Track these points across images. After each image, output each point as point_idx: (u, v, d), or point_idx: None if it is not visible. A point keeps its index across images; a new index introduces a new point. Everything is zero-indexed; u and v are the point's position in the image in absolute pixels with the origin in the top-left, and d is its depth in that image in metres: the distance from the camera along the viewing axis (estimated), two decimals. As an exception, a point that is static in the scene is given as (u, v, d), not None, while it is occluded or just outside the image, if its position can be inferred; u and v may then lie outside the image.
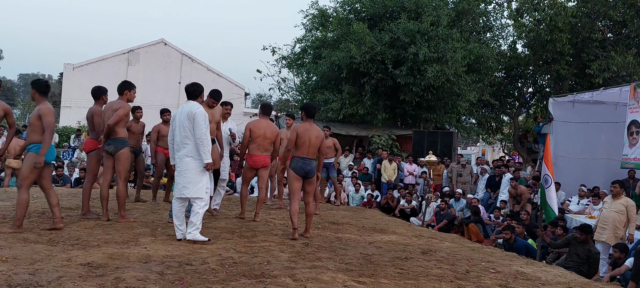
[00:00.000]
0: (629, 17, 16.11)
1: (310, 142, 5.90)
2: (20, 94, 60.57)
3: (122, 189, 6.17)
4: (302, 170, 5.90)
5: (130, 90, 6.26)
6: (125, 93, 6.22)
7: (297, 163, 5.92)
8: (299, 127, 5.99)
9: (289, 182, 6.01)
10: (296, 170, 5.90)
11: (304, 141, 5.90)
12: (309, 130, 5.95)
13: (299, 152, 5.93)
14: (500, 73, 19.77)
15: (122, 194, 6.18)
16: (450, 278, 4.53)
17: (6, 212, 6.50)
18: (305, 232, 6.03)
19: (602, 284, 5.67)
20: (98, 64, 29.41)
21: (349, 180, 13.77)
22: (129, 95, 6.25)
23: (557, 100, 13.67)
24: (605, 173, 11.94)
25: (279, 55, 20.88)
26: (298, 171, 5.90)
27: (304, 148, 5.91)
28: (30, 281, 3.59)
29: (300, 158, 5.91)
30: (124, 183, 6.19)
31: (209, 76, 30.53)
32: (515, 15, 17.73)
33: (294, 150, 5.98)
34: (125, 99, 6.20)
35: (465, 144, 41.11)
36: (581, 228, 8.07)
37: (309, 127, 6.00)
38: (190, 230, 5.31)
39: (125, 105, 6.12)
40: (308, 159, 5.92)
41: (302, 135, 5.92)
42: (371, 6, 17.88)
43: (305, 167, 5.90)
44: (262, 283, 3.90)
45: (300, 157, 5.91)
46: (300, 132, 5.93)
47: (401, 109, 17.27)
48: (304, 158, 5.91)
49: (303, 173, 5.91)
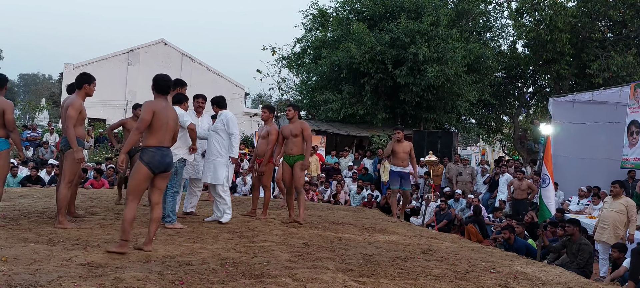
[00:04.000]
0: (629, 17, 16.13)
1: (168, 126, 4.71)
2: (21, 94, 60.60)
3: (63, 191, 5.56)
4: (160, 165, 4.62)
5: (89, 84, 5.71)
6: (84, 87, 5.69)
7: (153, 156, 4.57)
8: (155, 105, 4.66)
9: (137, 180, 4.59)
10: (152, 166, 4.57)
11: (162, 124, 4.63)
12: (167, 109, 4.74)
13: (153, 138, 4.61)
14: (500, 73, 19.80)
15: (62, 197, 5.56)
16: (450, 278, 4.53)
17: (6, 212, 6.50)
18: (146, 245, 4.69)
19: (602, 284, 5.67)
20: (98, 64, 29.40)
21: (349, 180, 13.78)
22: (88, 89, 5.71)
23: (557, 100, 13.67)
24: (605, 173, 11.93)
25: (279, 55, 20.92)
26: (155, 166, 4.59)
27: (161, 133, 4.64)
28: (30, 281, 3.59)
29: (157, 149, 4.61)
30: (66, 186, 5.58)
31: (209, 76, 30.56)
32: (515, 15, 17.75)
33: (147, 136, 4.62)
34: (83, 93, 5.68)
35: (465, 144, 41.10)
36: (570, 221, 8.07)
37: (167, 105, 4.81)
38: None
39: (75, 102, 5.58)
40: (166, 149, 4.71)
41: (159, 114, 4.62)
42: (371, 6, 17.90)
43: (165, 160, 4.67)
44: (262, 283, 3.90)
45: (157, 147, 4.62)
46: (158, 109, 4.62)
47: (401, 109, 17.28)
48: (161, 147, 4.65)
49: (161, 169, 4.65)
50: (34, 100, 40.08)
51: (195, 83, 25.11)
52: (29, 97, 49.94)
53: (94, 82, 5.81)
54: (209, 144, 6.58)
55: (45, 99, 38.05)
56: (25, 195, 8.58)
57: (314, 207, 9.84)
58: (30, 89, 63.72)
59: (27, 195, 8.59)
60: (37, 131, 17.53)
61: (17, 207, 6.93)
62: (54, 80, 56.67)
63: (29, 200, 7.87)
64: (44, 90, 53.05)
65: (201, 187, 7.20)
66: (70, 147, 5.56)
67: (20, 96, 57.49)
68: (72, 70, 29.40)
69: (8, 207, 6.98)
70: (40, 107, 31.43)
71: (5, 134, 5.50)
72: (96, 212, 6.92)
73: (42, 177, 12.10)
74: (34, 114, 29.42)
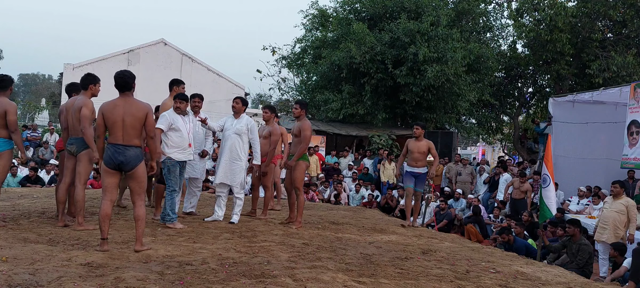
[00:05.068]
0: (629, 17, 16.11)
1: (124, 123, 4.72)
2: (21, 94, 60.60)
3: (81, 193, 5.56)
4: (111, 161, 4.73)
5: (95, 84, 5.72)
6: (90, 87, 5.69)
7: (106, 152, 4.79)
8: (103, 106, 4.84)
9: (101, 177, 4.91)
10: (105, 161, 4.77)
11: (112, 122, 4.74)
12: (120, 107, 4.76)
13: (110, 136, 4.81)
14: (500, 73, 19.78)
15: (80, 199, 5.57)
16: (450, 278, 4.54)
17: (6, 212, 6.50)
18: (135, 244, 4.79)
19: (602, 284, 5.67)
20: (98, 64, 29.38)
21: (349, 180, 13.79)
22: (94, 90, 5.72)
23: (557, 100, 13.67)
24: (605, 173, 11.94)
25: (279, 55, 20.92)
26: (106, 162, 4.75)
27: (114, 130, 4.74)
28: (30, 281, 3.59)
29: (110, 146, 4.76)
30: (82, 187, 5.59)
31: (209, 76, 30.55)
32: (515, 15, 17.74)
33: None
34: (89, 94, 5.69)
35: (465, 144, 41.12)
36: (570, 221, 8.07)
37: (123, 102, 4.79)
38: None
39: (88, 103, 5.59)
40: (121, 146, 4.71)
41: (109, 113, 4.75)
42: (371, 6, 17.90)
43: (116, 157, 4.71)
44: (262, 283, 3.90)
45: (110, 144, 4.76)
46: (108, 108, 4.77)
47: (401, 109, 17.28)
48: (115, 144, 4.72)
49: (114, 165, 4.74)
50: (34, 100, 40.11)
51: (195, 83, 25.14)
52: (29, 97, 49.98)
53: (99, 83, 5.81)
54: (228, 145, 6.57)
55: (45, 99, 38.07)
56: (25, 195, 8.57)
57: (314, 207, 9.84)
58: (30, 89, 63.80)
59: (27, 195, 8.58)
60: (37, 131, 17.52)
61: (17, 207, 6.93)
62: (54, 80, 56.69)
63: (29, 200, 7.86)
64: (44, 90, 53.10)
65: (200, 187, 7.16)
66: (86, 147, 5.53)
67: (20, 96, 57.49)
68: (72, 70, 29.43)
69: (8, 207, 6.98)
70: (40, 107, 31.45)
71: (7, 134, 5.50)
72: (96, 212, 6.91)
73: (41, 177, 12.10)
74: (34, 114, 29.42)
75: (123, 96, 4.81)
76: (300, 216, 6.77)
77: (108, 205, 4.73)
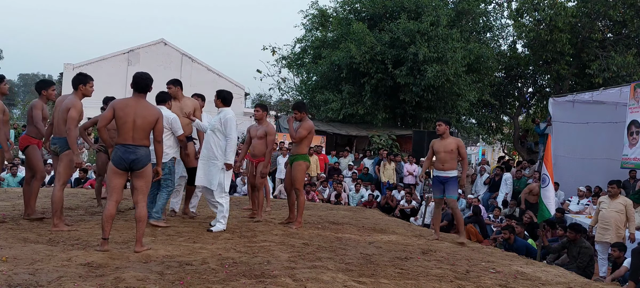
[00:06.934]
0: (629, 17, 16.11)
1: (135, 124, 4.71)
2: (20, 94, 60.57)
3: (58, 194, 5.42)
4: (121, 161, 4.71)
5: (85, 84, 5.55)
6: (80, 87, 5.53)
7: (115, 153, 4.75)
8: (117, 102, 4.83)
9: (108, 177, 4.91)
10: (114, 162, 4.74)
11: (124, 121, 4.71)
12: (133, 107, 4.75)
13: (118, 136, 4.77)
14: (500, 73, 19.78)
15: (57, 199, 5.41)
16: (450, 278, 4.54)
17: (6, 212, 6.50)
18: (135, 245, 4.75)
19: (602, 284, 5.67)
20: (98, 64, 29.41)
21: (349, 180, 13.78)
22: (84, 90, 5.55)
23: (557, 100, 13.67)
24: (605, 173, 11.92)
25: (279, 55, 20.92)
26: (116, 163, 4.73)
27: (124, 130, 4.72)
28: (30, 281, 3.59)
29: (120, 146, 4.73)
30: (61, 188, 5.45)
31: (209, 76, 30.54)
32: (515, 15, 17.74)
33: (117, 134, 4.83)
34: (79, 94, 5.53)
35: (465, 144, 41.07)
36: (572, 226, 8.07)
37: (136, 103, 4.78)
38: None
39: (77, 104, 5.43)
40: (131, 146, 4.70)
41: (121, 112, 4.72)
42: (371, 6, 17.90)
43: (127, 157, 4.71)
44: (262, 283, 3.90)
45: (120, 144, 4.73)
46: (120, 107, 4.75)
47: (401, 109, 17.29)
48: (125, 145, 4.71)
49: (125, 166, 4.72)
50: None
51: (195, 83, 25.14)
52: (29, 97, 49.89)
53: (90, 82, 5.62)
54: (205, 144, 6.20)
55: (45, 99, 37.92)
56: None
57: (314, 207, 9.84)
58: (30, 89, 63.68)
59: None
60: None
61: (17, 207, 6.93)
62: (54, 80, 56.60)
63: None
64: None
65: (200, 187, 7.15)
66: (68, 148, 5.44)
67: (20, 96, 57.50)
68: (72, 70, 29.40)
69: (8, 207, 6.98)
70: (40, 107, 31.35)
71: None
72: (96, 212, 6.92)
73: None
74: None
75: (136, 97, 4.82)
76: (301, 216, 6.73)
77: (113, 207, 4.71)
